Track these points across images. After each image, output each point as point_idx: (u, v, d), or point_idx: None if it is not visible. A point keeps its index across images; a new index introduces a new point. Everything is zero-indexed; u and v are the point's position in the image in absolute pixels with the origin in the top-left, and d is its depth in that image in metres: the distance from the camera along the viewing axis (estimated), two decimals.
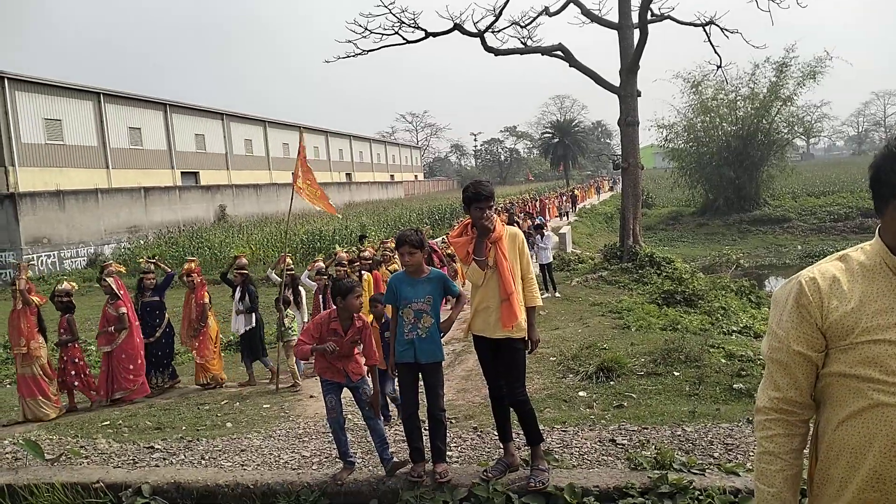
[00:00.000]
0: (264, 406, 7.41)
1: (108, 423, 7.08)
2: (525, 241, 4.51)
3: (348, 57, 18.63)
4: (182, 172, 40.33)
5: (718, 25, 18.91)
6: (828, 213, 35.12)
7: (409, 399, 4.53)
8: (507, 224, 5.98)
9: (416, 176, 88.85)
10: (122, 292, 8.37)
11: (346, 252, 10.62)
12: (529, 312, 4.38)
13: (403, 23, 17.88)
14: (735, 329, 11.35)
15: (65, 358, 8.11)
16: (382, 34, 18.10)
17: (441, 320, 4.55)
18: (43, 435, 6.58)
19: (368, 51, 18.51)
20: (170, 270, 9.40)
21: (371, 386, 4.80)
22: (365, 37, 18.15)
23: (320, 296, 9.25)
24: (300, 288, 9.45)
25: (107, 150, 34.17)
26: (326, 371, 4.75)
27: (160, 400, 8.30)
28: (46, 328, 7.98)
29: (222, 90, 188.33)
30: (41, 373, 7.66)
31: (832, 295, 1.65)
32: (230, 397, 8.08)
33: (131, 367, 8.25)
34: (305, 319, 9.24)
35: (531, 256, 5.37)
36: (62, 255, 25.03)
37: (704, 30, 19.10)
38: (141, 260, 10.97)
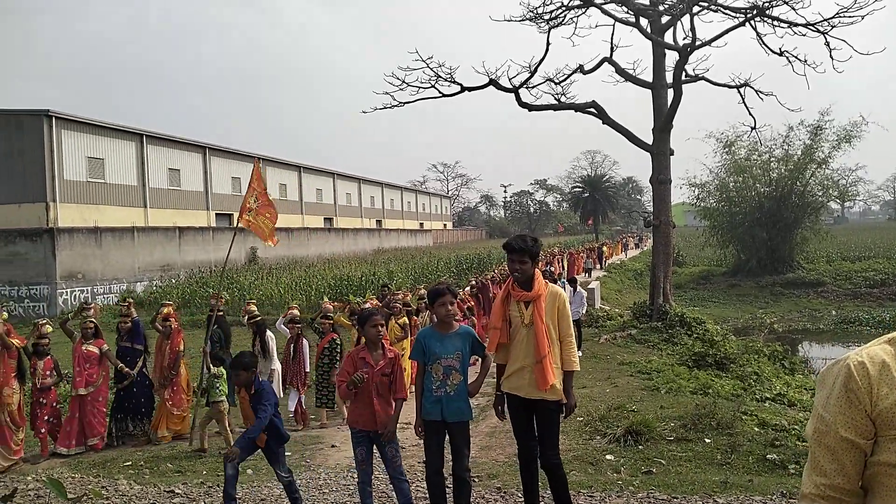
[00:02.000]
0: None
1: (129, 463, 7.07)
2: (566, 302, 4.45)
3: (385, 108, 19.00)
4: (217, 214, 41.06)
5: (753, 88, 18.88)
6: (863, 279, 34.27)
7: (435, 458, 4.43)
8: None
9: (444, 225, 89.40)
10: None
11: (332, 303, 10.53)
12: (566, 376, 4.31)
13: (440, 77, 18.20)
14: (768, 396, 11.04)
15: (44, 401, 7.83)
16: (419, 87, 18.43)
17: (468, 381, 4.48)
18: (66, 473, 6.60)
19: (405, 103, 18.83)
20: (135, 316, 9.03)
21: (397, 443, 4.72)
22: (402, 89, 18.49)
23: (292, 346, 9.07)
24: (268, 336, 9.09)
25: (146, 190, 35.02)
26: (358, 420, 4.67)
27: (182, 443, 8.27)
28: (26, 371, 7.69)
29: (258, 134, 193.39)
30: (8, 420, 7.30)
31: (882, 381, 1.59)
32: None
33: (105, 410, 8.13)
34: (274, 367, 9.05)
35: None
36: (95, 290, 25.42)
37: (739, 91, 19.09)
38: (120, 303, 10.81)
